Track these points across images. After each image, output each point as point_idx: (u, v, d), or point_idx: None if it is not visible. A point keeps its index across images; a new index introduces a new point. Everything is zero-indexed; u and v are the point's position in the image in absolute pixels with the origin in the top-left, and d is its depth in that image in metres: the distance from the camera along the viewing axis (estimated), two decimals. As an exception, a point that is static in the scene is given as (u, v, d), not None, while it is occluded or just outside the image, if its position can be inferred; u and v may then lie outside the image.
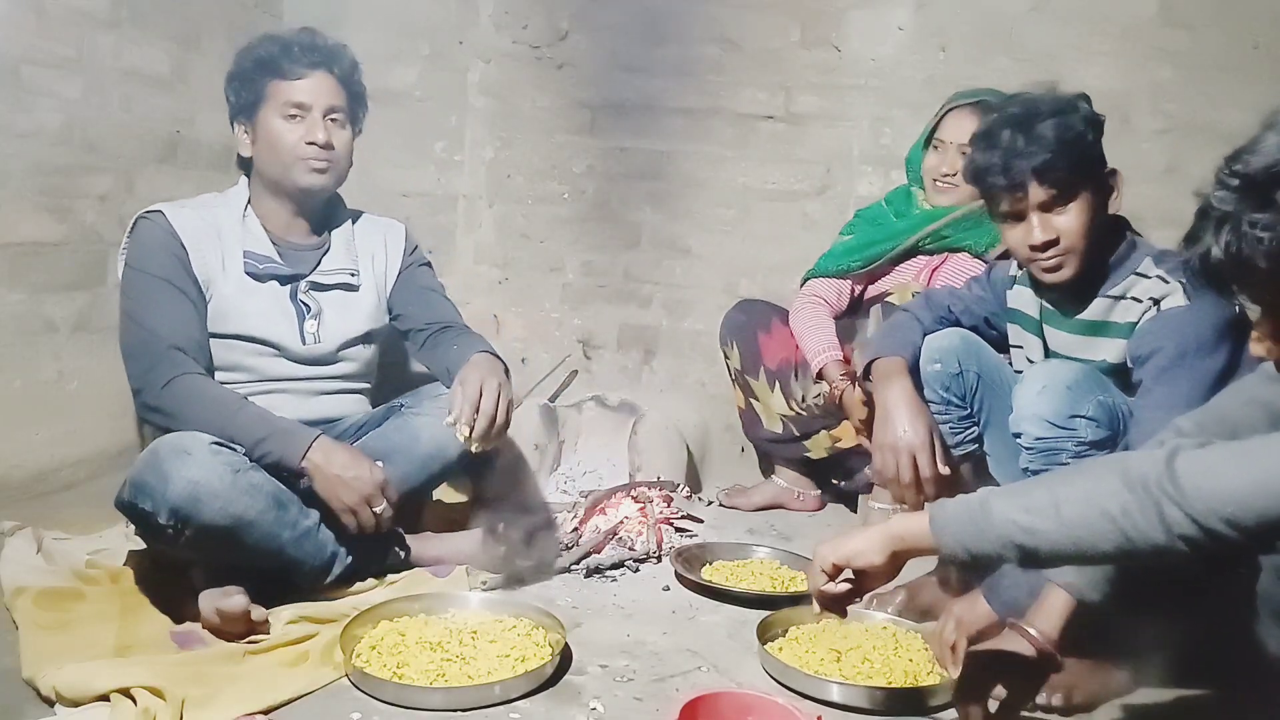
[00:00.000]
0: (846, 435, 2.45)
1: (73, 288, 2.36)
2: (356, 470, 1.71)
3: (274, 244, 1.94)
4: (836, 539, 1.25)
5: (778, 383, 2.52)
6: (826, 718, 1.45)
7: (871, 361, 1.94)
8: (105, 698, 1.34)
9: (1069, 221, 1.68)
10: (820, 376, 2.40)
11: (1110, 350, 1.73)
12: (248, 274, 1.90)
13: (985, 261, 2.34)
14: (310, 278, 1.97)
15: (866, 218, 2.57)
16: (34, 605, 1.64)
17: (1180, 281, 1.67)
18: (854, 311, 2.52)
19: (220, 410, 1.73)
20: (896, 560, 1.20)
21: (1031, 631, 1.36)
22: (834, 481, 2.64)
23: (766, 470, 2.76)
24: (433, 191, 3.07)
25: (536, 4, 2.95)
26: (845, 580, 1.25)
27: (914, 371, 1.91)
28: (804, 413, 2.50)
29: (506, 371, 1.88)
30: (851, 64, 2.79)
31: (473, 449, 1.74)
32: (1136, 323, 1.69)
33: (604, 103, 2.96)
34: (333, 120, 1.93)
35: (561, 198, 3.03)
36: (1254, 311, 1.09)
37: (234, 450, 1.65)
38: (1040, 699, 1.43)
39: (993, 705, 1.35)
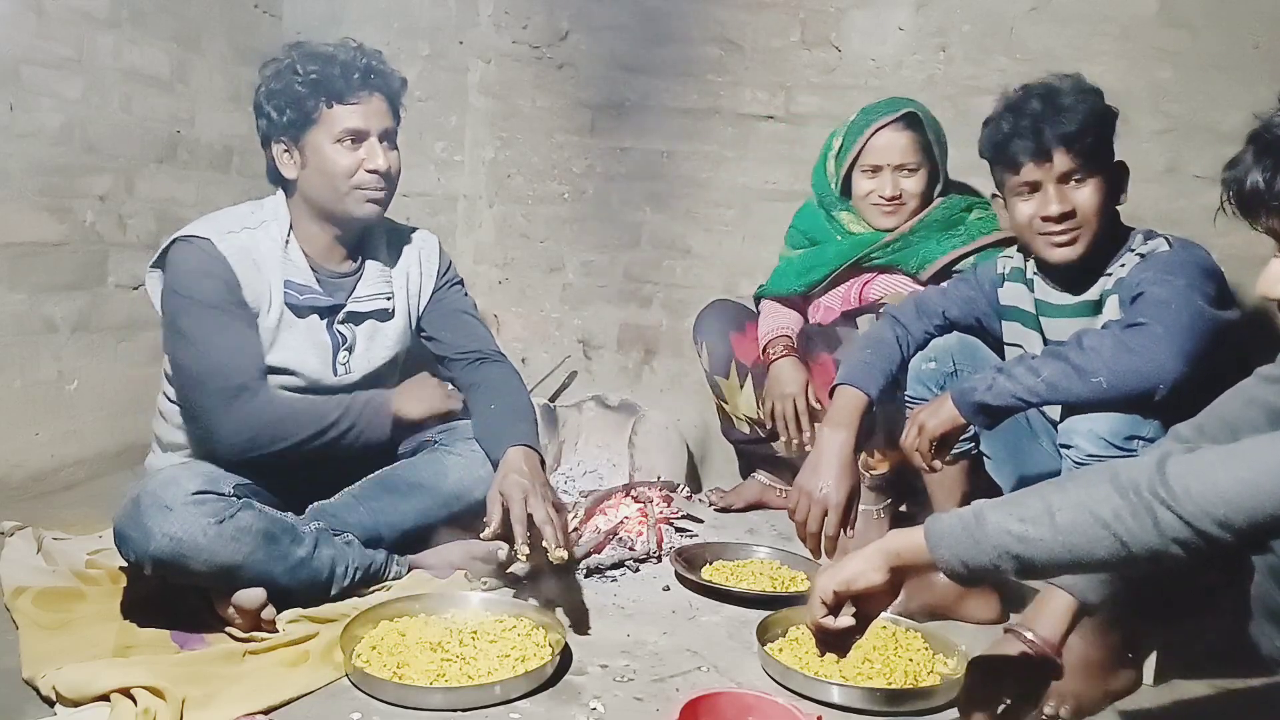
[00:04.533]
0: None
1: (73, 288, 2.37)
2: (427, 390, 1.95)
3: (313, 270, 1.88)
4: (832, 567, 1.22)
5: (750, 377, 2.48)
6: (827, 718, 1.45)
7: (837, 385, 1.91)
8: (105, 698, 1.34)
9: (1087, 196, 1.72)
10: (765, 351, 2.40)
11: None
12: (288, 305, 1.84)
13: (918, 281, 2.31)
14: (347, 307, 1.91)
15: (803, 230, 2.53)
16: (34, 605, 1.64)
17: (1164, 236, 1.74)
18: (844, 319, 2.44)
19: (296, 424, 1.79)
20: (896, 577, 1.18)
21: (1029, 636, 1.33)
22: None
23: (746, 470, 2.75)
24: (433, 191, 3.07)
25: (536, 4, 2.95)
26: (847, 614, 1.22)
27: (882, 398, 1.89)
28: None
29: (543, 462, 1.82)
30: (851, 64, 2.79)
31: (552, 560, 1.65)
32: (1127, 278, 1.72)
33: (604, 103, 2.96)
34: (386, 143, 1.85)
35: (561, 198, 3.03)
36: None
37: (220, 496, 1.61)
38: (1048, 710, 1.41)
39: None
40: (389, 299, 1.96)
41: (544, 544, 1.64)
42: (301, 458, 1.80)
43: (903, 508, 2.28)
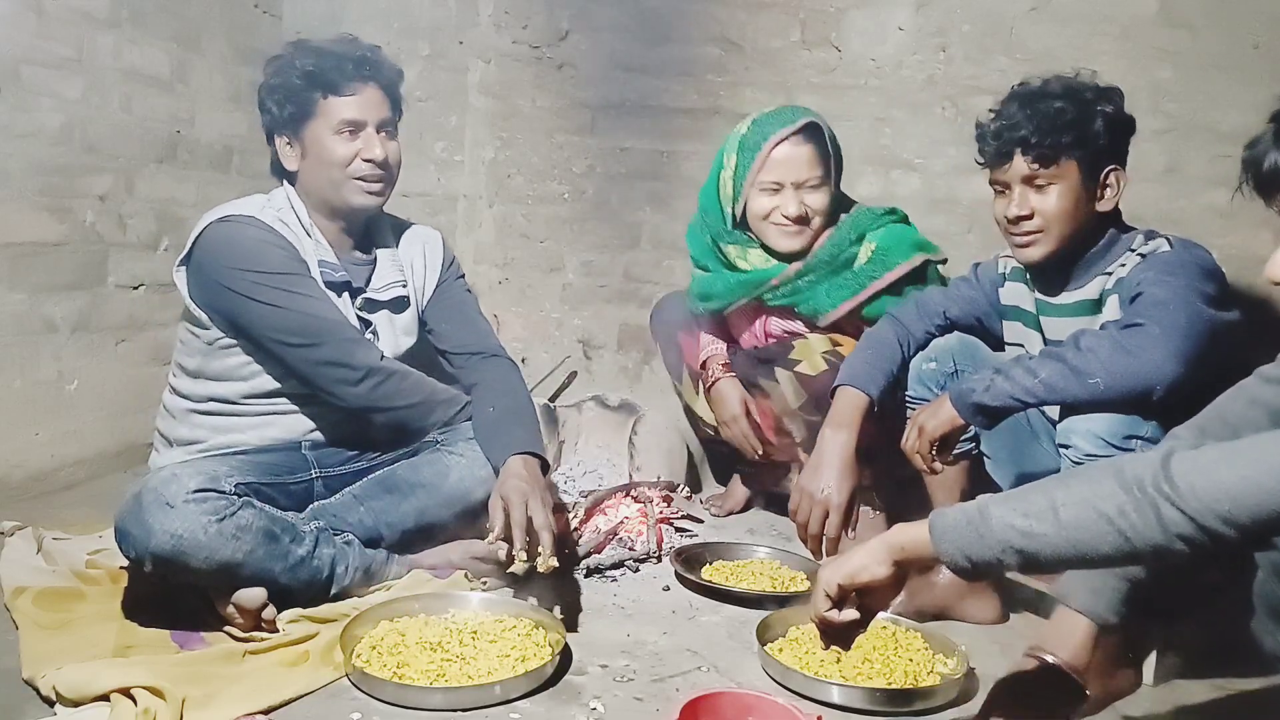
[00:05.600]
0: (777, 450, 2.36)
1: (73, 288, 2.37)
2: None
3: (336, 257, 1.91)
4: (836, 561, 1.22)
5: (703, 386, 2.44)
6: (827, 718, 1.45)
7: (838, 386, 1.91)
8: (105, 698, 1.34)
9: (1047, 201, 1.74)
10: (704, 367, 2.39)
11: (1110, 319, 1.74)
12: (326, 284, 1.86)
13: (816, 325, 2.23)
14: (366, 294, 1.93)
15: (692, 255, 2.42)
16: (34, 605, 1.64)
17: (1165, 236, 1.74)
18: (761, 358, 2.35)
19: (413, 387, 1.89)
20: (900, 571, 1.18)
21: (1050, 660, 1.30)
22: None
23: (720, 473, 2.73)
24: (433, 191, 3.07)
25: (536, 4, 2.95)
26: (851, 607, 1.22)
27: (882, 399, 1.88)
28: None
29: (544, 466, 1.83)
30: (851, 64, 2.79)
31: (540, 569, 1.65)
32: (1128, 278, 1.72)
33: (604, 103, 2.96)
34: (384, 134, 1.88)
35: (561, 198, 3.03)
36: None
37: (220, 494, 1.61)
38: None
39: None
40: (404, 286, 1.98)
41: (538, 550, 1.64)
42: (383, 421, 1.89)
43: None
